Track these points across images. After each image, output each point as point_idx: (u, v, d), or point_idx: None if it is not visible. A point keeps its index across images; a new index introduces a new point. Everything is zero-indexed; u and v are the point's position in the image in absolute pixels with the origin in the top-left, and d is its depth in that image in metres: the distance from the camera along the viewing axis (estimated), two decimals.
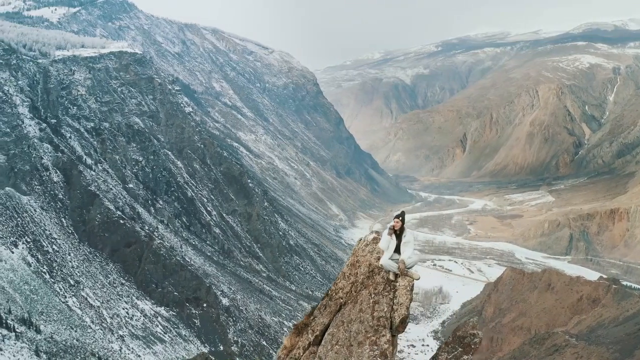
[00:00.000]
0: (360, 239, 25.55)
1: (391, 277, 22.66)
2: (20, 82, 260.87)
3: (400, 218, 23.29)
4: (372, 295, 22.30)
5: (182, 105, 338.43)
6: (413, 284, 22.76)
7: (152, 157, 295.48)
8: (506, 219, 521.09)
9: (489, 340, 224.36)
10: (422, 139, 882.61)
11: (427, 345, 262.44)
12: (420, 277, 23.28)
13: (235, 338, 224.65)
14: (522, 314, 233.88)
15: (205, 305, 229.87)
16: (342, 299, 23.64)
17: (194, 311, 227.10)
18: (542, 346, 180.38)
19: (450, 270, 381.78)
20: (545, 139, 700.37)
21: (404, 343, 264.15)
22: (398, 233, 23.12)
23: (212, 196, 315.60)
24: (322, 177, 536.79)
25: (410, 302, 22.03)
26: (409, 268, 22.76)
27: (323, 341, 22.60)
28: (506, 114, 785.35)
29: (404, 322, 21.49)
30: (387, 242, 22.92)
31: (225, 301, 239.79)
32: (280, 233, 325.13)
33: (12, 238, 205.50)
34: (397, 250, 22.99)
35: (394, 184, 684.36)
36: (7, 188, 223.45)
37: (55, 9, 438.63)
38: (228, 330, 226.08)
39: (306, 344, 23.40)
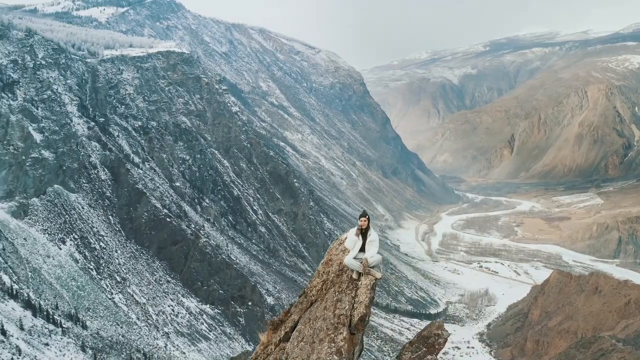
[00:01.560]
0: (338, 238, 25.47)
1: (354, 275, 22.49)
2: (69, 81, 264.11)
3: (366, 217, 23.24)
4: (336, 293, 22.25)
5: (228, 104, 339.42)
6: (374, 283, 22.27)
7: (198, 156, 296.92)
8: (554, 221, 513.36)
9: (534, 343, 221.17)
10: (470, 140, 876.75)
11: (472, 348, 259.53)
12: (382, 276, 22.72)
13: None
14: (569, 318, 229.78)
15: (250, 303, 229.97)
16: (313, 296, 23.92)
17: (238, 309, 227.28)
18: (588, 350, 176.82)
19: (497, 272, 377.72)
20: (594, 140, 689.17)
21: (449, 345, 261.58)
22: (364, 232, 23.15)
23: (258, 195, 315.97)
24: (369, 177, 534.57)
25: (371, 301, 21.87)
26: (372, 267, 22.42)
27: (291, 337, 22.95)
28: (555, 115, 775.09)
29: (362, 321, 21.28)
30: (354, 242, 22.97)
31: (270, 300, 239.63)
32: (326, 233, 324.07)
33: (60, 235, 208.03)
34: (363, 249, 22.89)
35: (440, 185, 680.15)
36: (55, 185, 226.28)
37: (104, 9, 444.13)
38: None
39: (277, 340, 23.87)
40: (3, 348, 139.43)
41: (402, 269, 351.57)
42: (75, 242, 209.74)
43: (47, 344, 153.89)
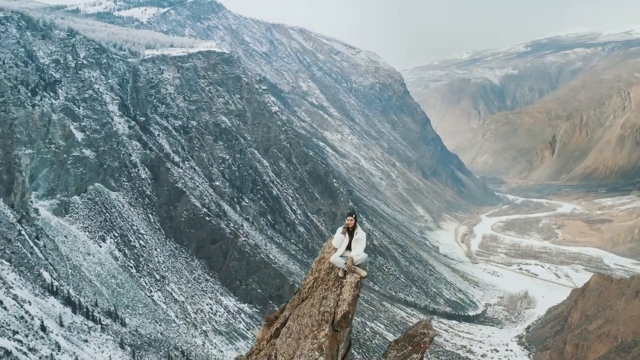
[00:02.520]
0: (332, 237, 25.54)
1: (340, 273, 22.88)
2: (110, 81, 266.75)
3: (353, 216, 23.97)
4: (323, 291, 22.66)
5: (268, 104, 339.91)
6: (359, 281, 22.60)
7: (238, 155, 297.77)
8: (595, 223, 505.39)
9: (574, 347, 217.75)
10: (510, 141, 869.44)
11: (511, 351, 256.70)
12: (367, 274, 23.18)
13: None
14: (609, 321, 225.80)
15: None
16: (305, 293, 24.27)
17: (276, 309, 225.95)
18: (628, 354, 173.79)
19: (537, 275, 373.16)
20: (637, 142, 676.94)
21: (487, 347, 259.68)
22: (351, 231, 23.69)
23: (297, 195, 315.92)
24: (408, 177, 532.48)
25: (355, 299, 22.05)
26: (357, 265, 22.81)
27: (280, 333, 23.43)
28: (597, 116, 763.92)
29: (346, 318, 21.55)
30: (340, 240, 23.53)
31: None
32: (365, 233, 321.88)
33: (100, 233, 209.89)
34: (349, 247, 23.39)
35: (480, 186, 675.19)
36: (96, 184, 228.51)
37: (145, 9, 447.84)
38: None
39: (269, 336, 24.46)
40: (43, 344, 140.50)
41: (441, 270, 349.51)
42: (115, 240, 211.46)
43: (86, 341, 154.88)
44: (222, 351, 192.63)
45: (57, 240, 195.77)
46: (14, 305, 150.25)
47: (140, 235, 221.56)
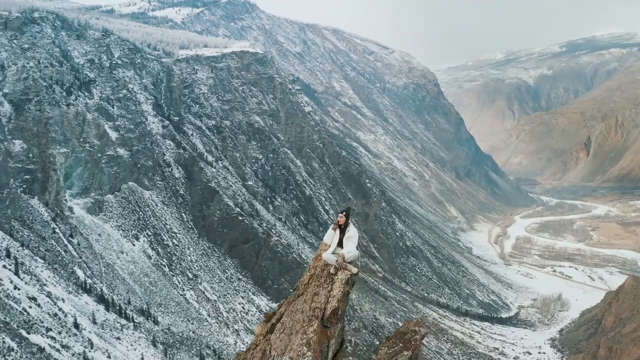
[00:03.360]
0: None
1: (332, 270, 23.21)
2: (144, 81, 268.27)
3: (345, 214, 23.95)
4: (315, 287, 22.97)
5: (302, 104, 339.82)
6: (350, 278, 22.86)
7: (271, 155, 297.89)
8: (630, 225, 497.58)
9: (607, 350, 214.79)
10: (545, 142, 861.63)
11: (544, 353, 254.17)
12: (358, 271, 23.37)
13: (349, 337, 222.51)
14: None
15: None
16: (301, 290, 24.54)
17: None
18: None
19: (571, 277, 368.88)
20: None
21: (519, 350, 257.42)
22: (342, 228, 23.74)
23: (329, 195, 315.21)
24: (442, 178, 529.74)
25: (344, 295, 22.36)
26: (349, 262, 23.11)
27: (275, 329, 23.71)
28: (632, 117, 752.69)
29: (335, 314, 21.84)
30: (331, 237, 23.72)
31: None
32: (397, 234, 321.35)
33: (133, 231, 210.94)
34: (341, 244, 23.56)
35: (514, 187, 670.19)
36: (130, 183, 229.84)
37: (179, 10, 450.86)
38: None
39: (265, 332, 24.63)
40: (76, 341, 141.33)
41: (474, 271, 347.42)
42: (149, 239, 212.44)
43: (118, 338, 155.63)
44: None
45: (91, 239, 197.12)
46: (48, 302, 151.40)
47: (173, 234, 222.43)
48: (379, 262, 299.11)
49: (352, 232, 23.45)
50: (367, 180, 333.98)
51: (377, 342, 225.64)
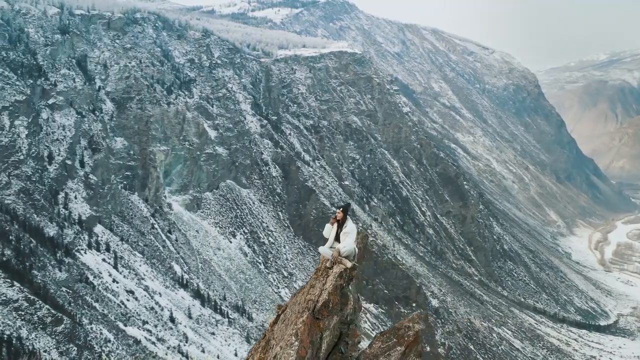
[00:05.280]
0: None
1: (328, 264, 23.50)
2: (243, 80, 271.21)
3: (342, 209, 24.23)
4: (314, 280, 23.41)
5: (399, 105, 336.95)
6: (343, 272, 22.95)
7: (368, 155, 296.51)
8: None
9: None
10: None
11: None
12: (352, 265, 23.39)
13: (442, 340, 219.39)
14: None
15: (414, 305, 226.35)
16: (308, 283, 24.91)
17: (402, 310, 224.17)
18: None
19: None
20: None
21: (617, 359, 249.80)
22: (340, 223, 24.10)
23: (426, 196, 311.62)
24: (541, 181, 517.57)
25: (336, 289, 22.53)
26: (345, 257, 23.28)
27: (279, 320, 24.27)
28: None
29: (326, 307, 22.03)
30: (329, 231, 24.20)
31: (434, 302, 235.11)
32: (495, 237, 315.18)
33: (231, 228, 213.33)
34: (339, 239, 23.95)
35: (616, 192, 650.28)
36: (228, 181, 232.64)
37: (279, 10, 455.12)
38: (436, 332, 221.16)
39: (272, 322, 24.95)
40: (171, 335, 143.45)
41: (572, 277, 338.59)
42: (245, 236, 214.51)
43: (213, 333, 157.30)
44: None
45: (189, 235, 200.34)
46: (145, 296, 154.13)
47: (269, 232, 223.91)
48: (475, 266, 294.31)
49: (350, 228, 23.85)
50: (464, 182, 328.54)
51: (472, 347, 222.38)
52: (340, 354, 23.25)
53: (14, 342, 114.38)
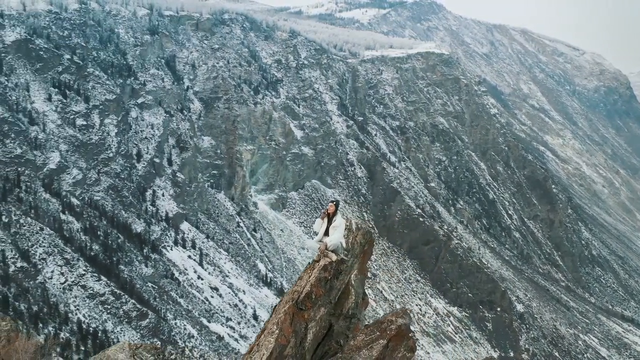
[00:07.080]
0: None
1: (315, 257, 23.99)
2: (329, 81, 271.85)
3: (335, 203, 24.63)
4: (303, 273, 24.06)
5: (487, 106, 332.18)
6: (328, 265, 23.31)
7: (455, 157, 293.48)
8: None
9: None
10: None
11: None
12: (337, 259, 23.77)
13: (526, 346, 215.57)
14: None
15: (499, 309, 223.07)
16: None
17: (486, 314, 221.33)
18: None
19: None
20: None
21: None
22: (330, 217, 24.28)
23: (513, 200, 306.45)
24: (632, 186, 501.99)
25: (319, 281, 23.00)
26: (332, 251, 23.66)
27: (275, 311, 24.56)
28: None
29: (309, 298, 22.67)
30: (319, 225, 24.43)
31: (520, 307, 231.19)
32: (583, 242, 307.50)
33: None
34: (328, 233, 24.15)
35: None
36: (313, 180, 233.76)
37: (366, 11, 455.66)
38: (520, 337, 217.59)
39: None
40: (254, 332, 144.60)
41: None
42: None
43: None
44: (428, 353, 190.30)
45: (274, 234, 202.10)
46: (229, 293, 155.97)
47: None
48: (562, 271, 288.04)
49: (338, 222, 23.98)
50: (553, 186, 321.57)
51: (557, 353, 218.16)
52: (339, 346, 24.27)
53: (99, 334, 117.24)
